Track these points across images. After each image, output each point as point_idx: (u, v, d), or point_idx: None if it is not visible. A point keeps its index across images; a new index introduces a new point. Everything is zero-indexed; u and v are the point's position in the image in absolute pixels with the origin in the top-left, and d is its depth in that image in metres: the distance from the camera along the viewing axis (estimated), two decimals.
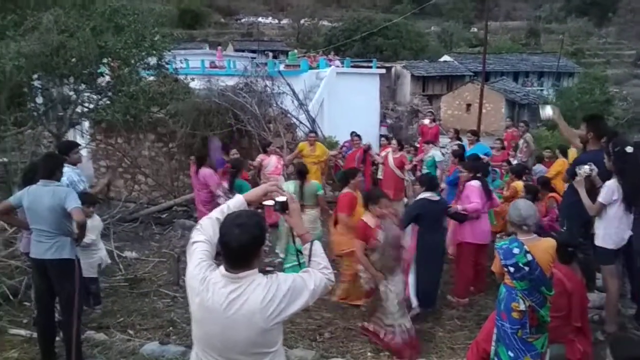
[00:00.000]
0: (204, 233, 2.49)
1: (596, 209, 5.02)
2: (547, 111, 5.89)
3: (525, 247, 3.75)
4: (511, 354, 3.88)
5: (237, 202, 2.62)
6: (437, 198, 6.20)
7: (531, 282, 3.74)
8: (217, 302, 2.27)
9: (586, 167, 5.12)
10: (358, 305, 6.15)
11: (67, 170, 5.81)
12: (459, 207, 6.30)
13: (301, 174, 6.94)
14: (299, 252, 2.64)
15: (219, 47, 30.60)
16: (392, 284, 5.18)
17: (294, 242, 2.74)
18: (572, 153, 8.01)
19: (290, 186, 6.87)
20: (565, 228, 5.66)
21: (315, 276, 2.42)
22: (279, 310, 2.27)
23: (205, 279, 2.32)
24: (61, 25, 7.62)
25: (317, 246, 2.56)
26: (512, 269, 3.76)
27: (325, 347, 5.36)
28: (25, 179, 4.97)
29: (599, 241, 5.12)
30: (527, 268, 3.70)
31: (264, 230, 2.38)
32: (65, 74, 8.16)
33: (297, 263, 2.73)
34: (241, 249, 2.26)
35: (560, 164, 8.37)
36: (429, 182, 6.31)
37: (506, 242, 3.93)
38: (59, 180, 4.73)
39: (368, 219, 5.31)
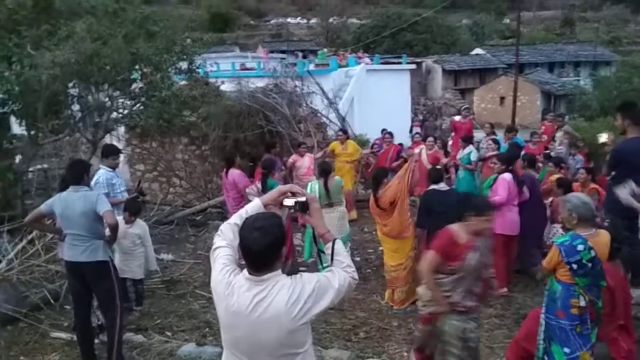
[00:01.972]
0: (225, 238, 2.51)
1: None
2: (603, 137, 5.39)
3: (589, 242, 3.66)
4: (567, 350, 3.81)
5: (254, 206, 2.61)
6: (445, 188, 6.35)
7: (593, 277, 3.69)
8: (243, 305, 2.28)
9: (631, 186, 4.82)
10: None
11: (105, 172, 6.09)
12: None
13: (324, 172, 6.92)
14: (321, 252, 2.63)
15: (265, 49, 30.98)
16: (460, 322, 4.06)
17: (316, 242, 2.72)
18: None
19: (316, 186, 6.89)
20: (608, 222, 5.48)
21: (339, 275, 2.42)
22: (304, 310, 2.27)
23: (229, 284, 2.34)
24: (94, 33, 7.76)
25: (339, 245, 2.55)
26: (575, 266, 3.68)
27: (360, 347, 5.32)
28: (63, 185, 5.10)
29: None
30: (590, 264, 3.64)
31: (284, 231, 2.37)
32: (100, 81, 8.31)
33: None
34: (262, 251, 2.27)
35: None
36: (434, 176, 6.47)
37: (567, 238, 3.83)
38: (87, 185, 4.89)
39: (459, 230, 4.10)
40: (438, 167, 7.81)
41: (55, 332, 5.53)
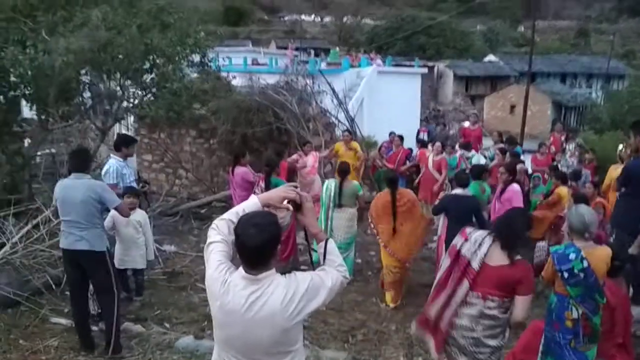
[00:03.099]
0: (220, 233, 2.49)
1: None
2: None
3: (582, 253, 3.66)
4: None
5: (251, 204, 2.58)
6: (468, 194, 6.37)
7: (585, 288, 3.66)
8: (238, 304, 2.29)
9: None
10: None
11: (115, 162, 6.10)
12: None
13: (343, 173, 7.02)
14: (313, 250, 2.66)
15: (291, 45, 30.37)
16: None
17: (306, 239, 2.73)
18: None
19: (332, 184, 6.97)
20: (614, 237, 5.46)
21: (331, 274, 2.45)
22: (298, 309, 2.30)
23: (225, 282, 2.34)
24: (109, 22, 7.77)
25: (332, 244, 2.58)
26: (566, 275, 3.68)
27: (357, 350, 5.33)
28: (68, 173, 5.12)
29: None
30: (582, 274, 3.63)
31: (280, 229, 2.40)
32: (112, 70, 8.34)
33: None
34: (258, 248, 2.27)
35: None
36: (460, 180, 6.55)
37: (561, 247, 3.85)
38: (89, 173, 4.88)
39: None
40: (466, 171, 7.86)
41: (55, 317, 5.54)
